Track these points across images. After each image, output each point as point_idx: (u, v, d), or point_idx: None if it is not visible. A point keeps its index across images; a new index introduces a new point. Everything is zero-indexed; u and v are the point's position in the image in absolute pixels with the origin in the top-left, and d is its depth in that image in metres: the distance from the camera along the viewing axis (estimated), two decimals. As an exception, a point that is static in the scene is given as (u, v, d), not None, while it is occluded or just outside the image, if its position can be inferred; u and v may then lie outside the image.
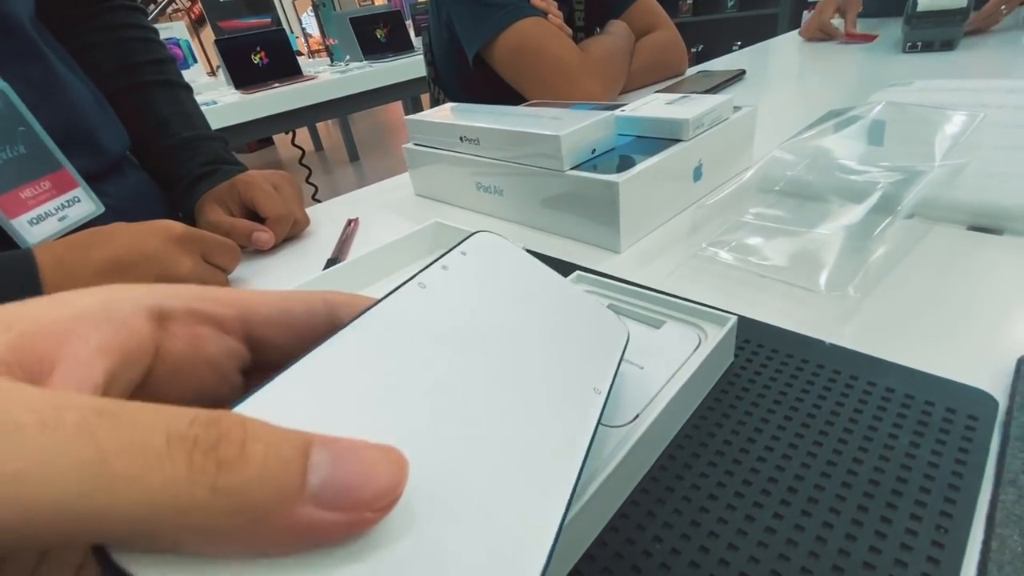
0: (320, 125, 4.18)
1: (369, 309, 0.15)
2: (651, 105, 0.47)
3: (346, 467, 0.09)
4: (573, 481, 0.14)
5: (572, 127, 0.41)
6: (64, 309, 0.11)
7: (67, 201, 0.43)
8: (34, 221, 0.40)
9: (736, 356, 0.28)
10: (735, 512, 0.20)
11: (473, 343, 0.17)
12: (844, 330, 0.29)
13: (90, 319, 0.11)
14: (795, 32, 1.23)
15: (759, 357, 0.28)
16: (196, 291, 0.14)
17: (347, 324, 0.15)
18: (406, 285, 0.17)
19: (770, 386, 0.26)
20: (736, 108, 0.49)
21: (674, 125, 0.43)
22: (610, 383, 0.19)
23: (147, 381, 0.13)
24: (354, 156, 3.51)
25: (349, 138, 3.47)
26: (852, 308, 0.31)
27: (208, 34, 2.76)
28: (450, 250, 0.20)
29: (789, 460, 0.22)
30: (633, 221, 0.41)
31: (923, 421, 0.23)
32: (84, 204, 0.44)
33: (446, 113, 0.55)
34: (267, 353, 0.15)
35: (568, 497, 0.13)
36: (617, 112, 0.46)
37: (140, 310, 0.12)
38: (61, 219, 0.41)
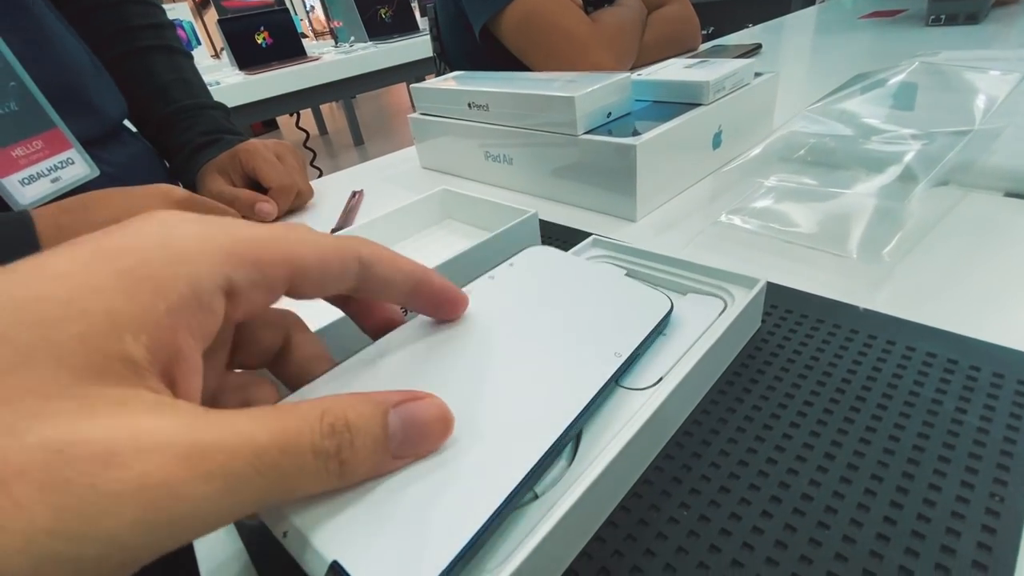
0: (325, 109, 4.14)
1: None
2: (669, 69, 0.45)
3: (413, 431, 0.13)
4: (569, 420, 0.17)
5: (587, 88, 0.39)
6: (168, 296, 0.11)
7: (60, 162, 0.42)
8: (26, 181, 0.38)
9: (763, 322, 0.26)
10: (768, 479, 0.19)
11: (505, 332, 0.21)
12: (877, 296, 0.27)
13: (187, 308, 0.11)
14: (812, 8, 1.19)
15: (787, 323, 0.26)
16: (254, 243, 0.13)
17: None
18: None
19: (800, 351, 0.24)
20: (757, 74, 0.46)
21: (693, 88, 0.41)
22: (634, 348, 0.21)
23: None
24: (358, 140, 3.48)
25: (354, 122, 3.44)
26: (885, 274, 0.29)
27: (212, 16, 2.72)
28: (500, 264, 0.25)
29: (824, 426, 0.20)
30: (650, 188, 0.39)
31: (968, 386, 0.21)
32: (78, 166, 0.43)
33: (453, 81, 0.53)
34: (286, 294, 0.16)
35: (558, 434, 0.17)
36: (633, 75, 0.44)
37: (218, 290, 0.12)
38: (54, 180, 0.40)
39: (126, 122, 0.56)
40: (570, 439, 0.18)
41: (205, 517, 0.09)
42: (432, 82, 0.54)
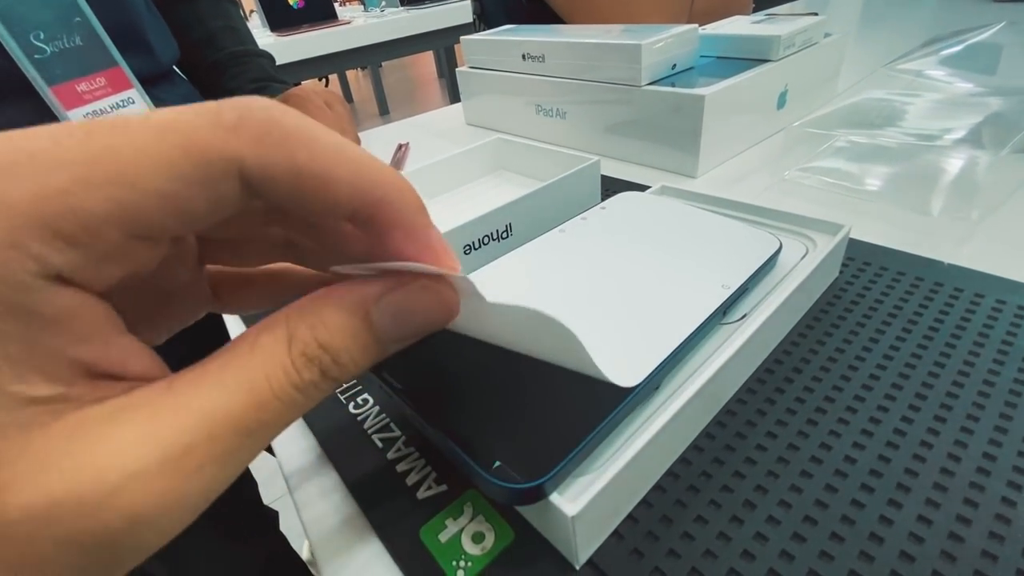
0: (351, 77, 4.11)
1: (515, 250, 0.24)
2: (735, 24, 0.44)
3: (406, 319, 0.11)
4: (688, 332, 0.19)
5: (653, 37, 0.38)
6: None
7: (122, 100, 0.42)
8: (89, 116, 0.39)
9: (840, 273, 0.26)
10: (856, 414, 0.19)
11: (612, 261, 0.22)
12: (962, 252, 0.26)
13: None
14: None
15: (866, 274, 0.26)
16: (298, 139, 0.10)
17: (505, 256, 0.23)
18: (548, 232, 0.24)
19: (882, 300, 0.24)
20: (827, 35, 0.44)
21: (763, 43, 0.40)
22: (742, 281, 0.21)
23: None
24: (384, 110, 3.45)
25: (380, 91, 3.41)
26: (967, 232, 0.28)
27: (242, -24, 2.70)
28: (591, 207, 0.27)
29: (907, 378, 0.20)
30: (713, 144, 0.38)
31: (1065, 339, 0.20)
32: (138, 106, 0.43)
33: (505, 33, 0.52)
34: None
35: (684, 338, 0.19)
36: (699, 29, 0.42)
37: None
38: (118, 115, 0.40)
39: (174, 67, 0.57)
40: (682, 356, 0.19)
41: (213, 494, 0.09)
42: (484, 34, 0.53)
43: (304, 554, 0.98)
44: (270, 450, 0.21)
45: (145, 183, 0.08)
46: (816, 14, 0.84)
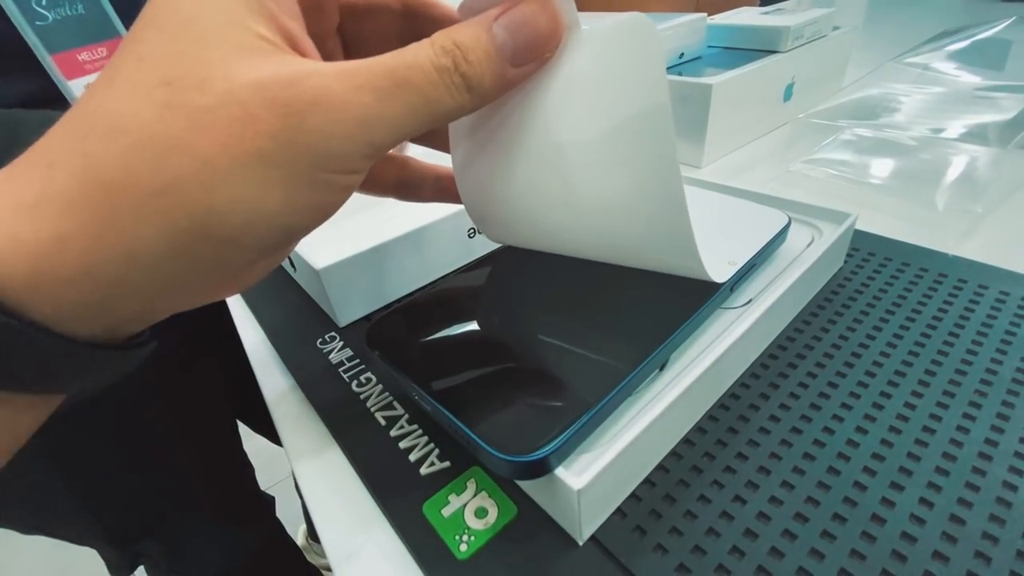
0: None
1: None
2: (743, 14, 0.43)
3: (521, 35, 0.13)
4: (685, 318, 0.19)
5: (662, 25, 0.37)
6: None
7: (125, 77, 0.42)
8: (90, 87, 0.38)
9: (844, 263, 0.26)
10: (859, 400, 0.19)
11: None
12: (966, 245, 0.27)
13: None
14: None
15: (870, 264, 0.26)
16: None
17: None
18: None
19: (886, 290, 0.24)
20: (835, 28, 0.44)
21: (772, 33, 0.39)
22: (748, 257, 0.21)
23: None
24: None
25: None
26: (971, 225, 0.28)
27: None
28: None
29: (910, 367, 0.20)
30: (719, 134, 0.38)
31: (1068, 330, 0.21)
32: (141, 83, 0.43)
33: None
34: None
35: (675, 330, 0.18)
36: (708, 19, 0.42)
37: None
38: (121, 89, 0.40)
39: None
40: (688, 335, 0.19)
41: (378, 122, 0.11)
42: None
43: (299, 540, 0.98)
44: (275, 438, 0.21)
45: None
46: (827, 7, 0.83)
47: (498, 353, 0.18)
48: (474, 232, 0.28)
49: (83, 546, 0.44)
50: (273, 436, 0.65)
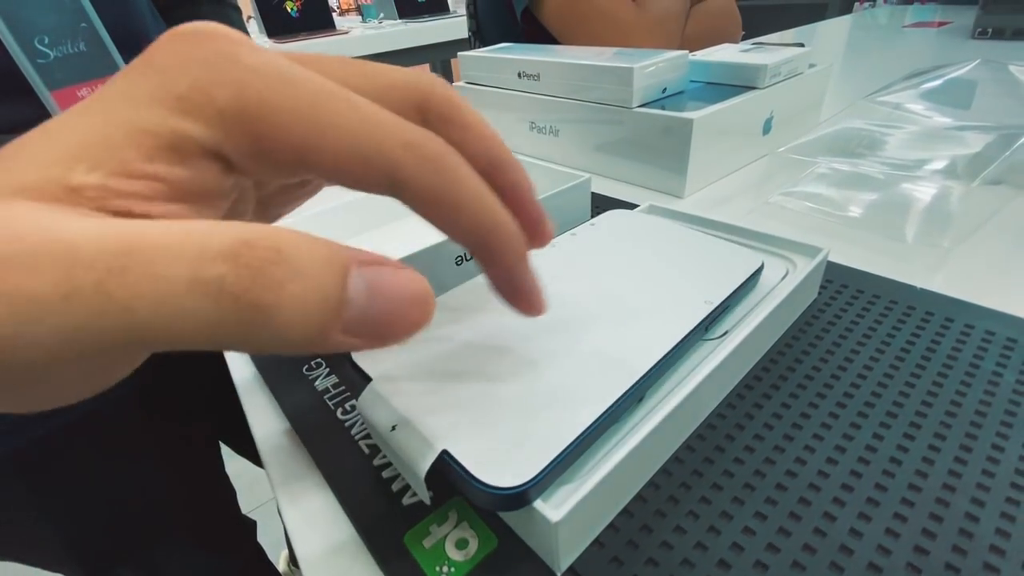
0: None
1: None
2: (723, 51, 0.45)
3: (380, 304, 0.09)
4: (672, 344, 0.19)
5: (645, 62, 0.39)
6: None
7: (119, 101, 0.42)
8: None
9: (818, 294, 0.27)
10: (830, 431, 0.19)
11: (599, 277, 0.23)
12: (934, 278, 0.28)
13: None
14: (849, 16, 1.18)
15: (843, 296, 0.27)
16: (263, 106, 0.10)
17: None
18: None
19: (857, 322, 0.25)
20: (811, 65, 0.46)
21: (750, 71, 0.41)
22: (724, 296, 0.22)
23: None
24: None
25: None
26: (940, 259, 0.29)
27: (241, -18, 2.70)
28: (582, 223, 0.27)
29: (879, 397, 0.21)
30: (700, 166, 0.39)
31: (1028, 364, 0.21)
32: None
33: (502, 51, 0.53)
34: None
35: (668, 350, 0.19)
36: (690, 56, 0.44)
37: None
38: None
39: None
40: (666, 369, 0.20)
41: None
42: (481, 51, 0.54)
43: (280, 566, 0.96)
44: (257, 460, 0.21)
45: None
46: (802, 45, 0.87)
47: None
48: (461, 259, 0.29)
49: (54, 573, 0.43)
50: (255, 458, 0.64)
